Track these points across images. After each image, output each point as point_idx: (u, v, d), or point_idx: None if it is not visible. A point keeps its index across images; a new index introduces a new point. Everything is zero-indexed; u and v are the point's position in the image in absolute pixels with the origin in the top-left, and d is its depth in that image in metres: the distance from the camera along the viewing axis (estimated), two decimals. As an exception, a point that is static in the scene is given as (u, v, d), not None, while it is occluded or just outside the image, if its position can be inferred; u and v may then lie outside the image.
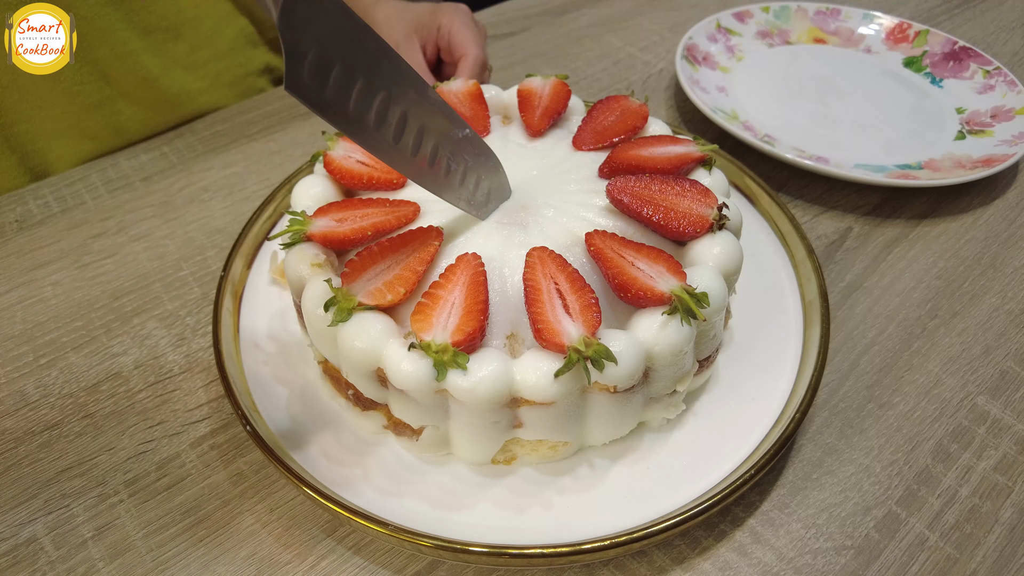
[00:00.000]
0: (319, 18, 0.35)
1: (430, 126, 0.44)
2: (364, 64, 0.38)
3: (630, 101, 0.59)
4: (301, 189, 0.53)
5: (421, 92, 0.43)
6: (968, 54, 0.87)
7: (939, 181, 0.69)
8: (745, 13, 0.95)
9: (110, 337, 0.60)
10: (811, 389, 0.50)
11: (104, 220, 0.70)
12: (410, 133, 0.43)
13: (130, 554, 0.46)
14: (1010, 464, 0.51)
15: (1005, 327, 0.60)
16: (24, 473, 0.51)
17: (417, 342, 0.41)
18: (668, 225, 0.48)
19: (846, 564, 0.46)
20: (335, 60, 0.37)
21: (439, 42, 0.79)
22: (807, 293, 0.58)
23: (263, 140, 0.80)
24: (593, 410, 0.45)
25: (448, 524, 0.45)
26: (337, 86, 0.37)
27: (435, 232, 0.48)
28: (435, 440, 0.47)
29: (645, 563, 0.46)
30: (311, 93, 0.36)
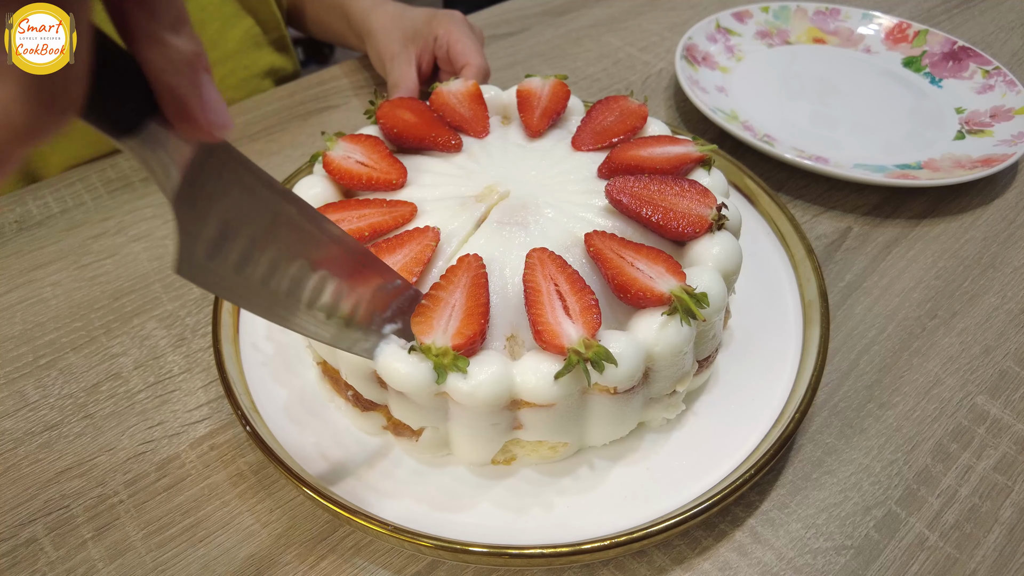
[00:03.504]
0: (228, 189, 0.33)
1: (350, 285, 0.41)
2: (274, 228, 0.36)
3: (629, 101, 0.59)
4: (300, 189, 0.53)
5: (342, 247, 0.40)
6: (967, 54, 0.87)
7: (938, 181, 0.69)
8: (744, 13, 0.95)
9: (110, 337, 0.60)
10: (811, 389, 0.50)
11: (104, 220, 0.70)
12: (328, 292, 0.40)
13: (130, 554, 0.46)
14: (1010, 464, 0.51)
15: (1005, 327, 0.60)
16: (24, 473, 0.51)
17: (417, 345, 0.41)
18: (667, 225, 0.48)
19: (846, 564, 0.46)
20: (240, 232, 0.34)
21: (436, 51, 0.78)
22: (807, 293, 0.58)
23: (263, 140, 0.80)
24: (593, 411, 0.45)
25: (448, 524, 0.45)
26: (241, 259, 0.34)
27: (432, 232, 0.48)
28: (435, 441, 0.47)
29: (645, 563, 0.46)
30: (208, 273, 0.33)
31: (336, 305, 0.40)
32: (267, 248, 0.35)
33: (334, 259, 0.39)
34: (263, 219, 0.35)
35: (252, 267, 0.35)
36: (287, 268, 0.37)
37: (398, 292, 0.43)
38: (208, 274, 0.33)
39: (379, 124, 0.58)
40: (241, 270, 0.34)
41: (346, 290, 0.40)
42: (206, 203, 0.32)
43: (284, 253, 0.36)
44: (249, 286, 0.35)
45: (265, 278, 0.36)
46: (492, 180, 0.54)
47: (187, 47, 0.26)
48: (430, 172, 0.55)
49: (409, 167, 0.55)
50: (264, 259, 0.35)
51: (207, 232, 0.32)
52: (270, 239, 0.35)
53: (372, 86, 0.88)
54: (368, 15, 0.82)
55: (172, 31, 0.26)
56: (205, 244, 0.32)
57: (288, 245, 0.36)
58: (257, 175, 0.34)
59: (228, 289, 0.35)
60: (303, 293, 0.38)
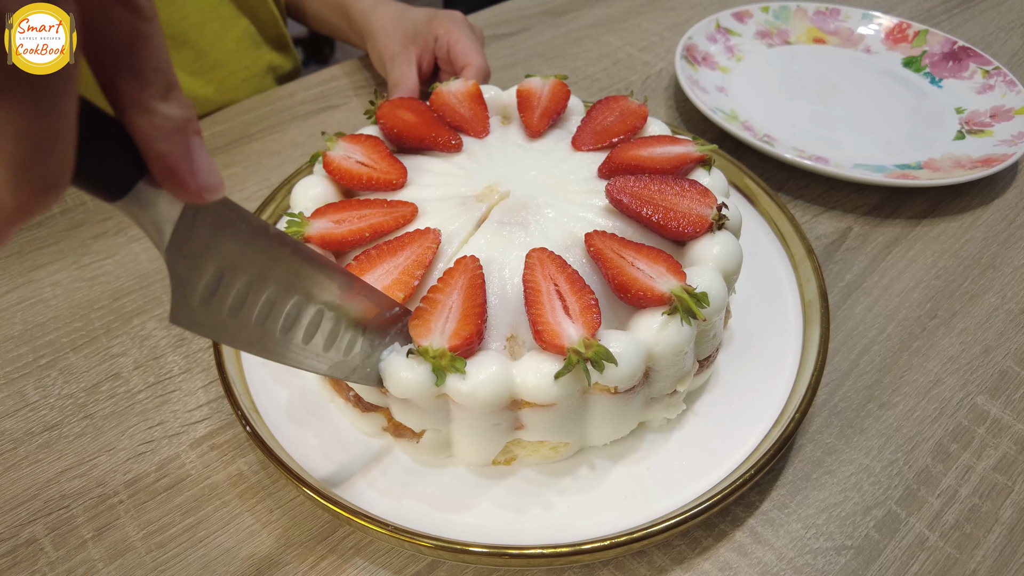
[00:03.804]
0: (220, 238, 0.32)
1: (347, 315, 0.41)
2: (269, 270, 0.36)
3: (629, 101, 0.59)
4: (300, 190, 0.53)
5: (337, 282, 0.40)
6: (967, 54, 0.87)
7: (938, 181, 0.69)
8: (744, 13, 0.95)
9: (110, 338, 0.60)
10: (811, 389, 0.50)
11: (104, 220, 0.70)
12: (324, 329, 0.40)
13: (130, 555, 0.46)
14: (1010, 464, 0.51)
15: (1005, 327, 0.60)
16: (24, 474, 0.51)
17: (415, 348, 0.41)
18: (667, 225, 0.48)
19: (846, 564, 0.46)
20: (235, 278, 0.34)
21: (436, 51, 0.78)
22: (807, 293, 0.58)
23: (262, 140, 0.80)
24: (594, 411, 0.45)
25: (448, 524, 0.45)
26: (236, 303, 0.34)
27: (433, 234, 0.48)
28: (436, 443, 0.47)
29: (645, 563, 0.46)
30: (204, 320, 0.33)
31: (333, 338, 0.40)
32: (262, 290, 0.36)
33: (329, 294, 0.39)
34: (257, 263, 0.35)
35: (248, 310, 0.35)
36: (282, 307, 0.37)
37: (396, 319, 0.43)
38: (203, 321, 0.33)
39: (379, 124, 0.58)
40: (236, 314, 0.35)
41: (343, 322, 0.40)
42: (199, 253, 0.32)
43: (279, 294, 0.37)
44: (245, 328, 0.35)
45: (261, 319, 0.36)
46: (492, 180, 0.54)
47: (177, 114, 0.26)
48: (430, 172, 0.55)
49: (409, 167, 0.55)
50: (259, 301, 0.36)
51: (201, 281, 0.32)
52: (265, 281, 0.36)
53: (372, 86, 0.88)
54: (369, 15, 0.82)
55: (161, 99, 0.26)
56: (199, 292, 0.32)
57: (283, 286, 0.37)
58: (249, 221, 0.34)
59: (224, 333, 0.35)
60: (299, 330, 0.38)
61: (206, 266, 0.32)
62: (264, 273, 0.35)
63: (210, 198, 0.28)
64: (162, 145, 0.26)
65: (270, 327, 0.37)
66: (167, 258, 0.30)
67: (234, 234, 0.33)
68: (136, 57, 0.25)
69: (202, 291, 0.33)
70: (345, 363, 0.41)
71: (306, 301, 0.38)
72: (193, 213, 0.30)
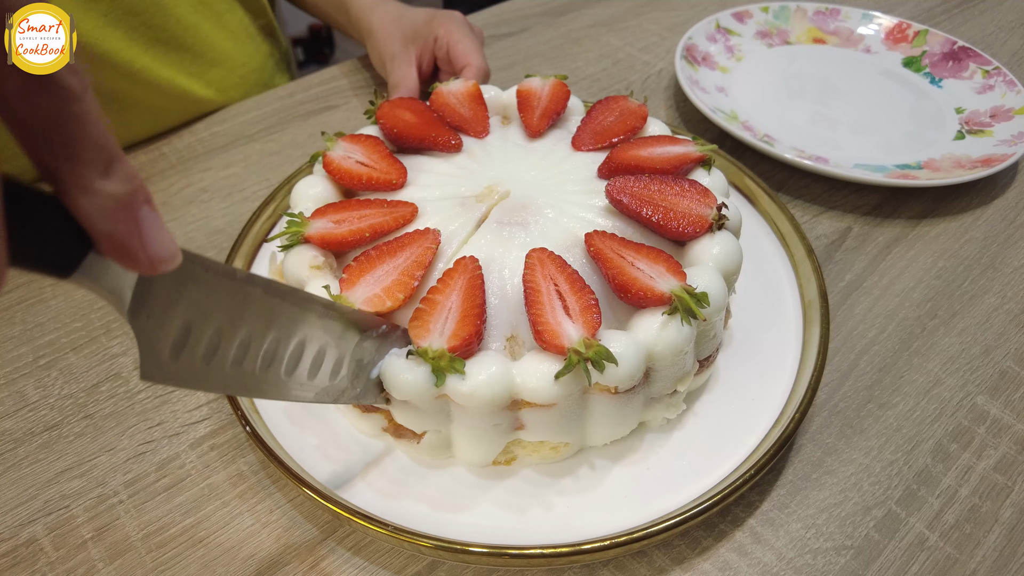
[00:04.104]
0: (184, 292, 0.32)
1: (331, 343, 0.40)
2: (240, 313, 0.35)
3: (629, 101, 0.59)
4: (300, 190, 0.53)
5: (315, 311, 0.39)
6: (967, 54, 0.87)
7: (938, 181, 0.69)
8: (744, 13, 0.95)
9: (110, 337, 0.60)
10: (811, 389, 0.50)
11: (104, 221, 0.70)
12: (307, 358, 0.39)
13: (130, 555, 0.46)
14: (1010, 464, 0.51)
15: (1005, 327, 0.60)
16: (24, 474, 0.51)
17: (414, 349, 0.41)
18: (667, 225, 0.48)
19: (846, 564, 0.46)
20: (204, 327, 0.33)
21: (436, 51, 0.78)
22: (807, 293, 0.58)
23: (262, 140, 0.80)
24: (594, 411, 0.45)
25: (448, 525, 0.45)
26: (209, 350, 0.33)
27: (433, 235, 0.48)
28: (437, 444, 0.47)
29: (645, 563, 0.46)
30: (176, 372, 0.32)
31: (316, 366, 0.40)
32: (235, 334, 0.35)
33: (307, 325, 0.39)
34: (227, 309, 0.34)
35: (222, 354, 0.34)
36: (259, 346, 0.36)
37: (384, 336, 0.43)
38: (176, 373, 0.33)
39: (379, 124, 0.58)
40: (210, 361, 0.34)
41: (326, 350, 0.40)
42: (163, 310, 0.31)
43: (255, 334, 0.36)
44: (221, 373, 0.35)
45: (237, 360, 0.35)
46: (492, 180, 0.54)
47: (120, 190, 0.25)
48: (430, 172, 0.55)
49: (409, 167, 0.55)
50: (234, 344, 0.35)
51: (169, 336, 0.32)
52: (238, 325, 0.35)
53: (372, 86, 0.88)
54: (368, 14, 0.82)
55: (102, 176, 0.24)
56: (168, 347, 0.32)
57: (258, 326, 0.36)
58: (214, 269, 0.33)
59: (200, 381, 0.34)
60: (279, 365, 0.38)
61: (172, 321, 0.31)
62: (236, 317, 0.34)
63: (165, 269, 0.27)
64: (107, 225, 0.25)
65: (248, 367, 0.36)
66: (130, 321, 0.29)
67: (198, 284, 0.32)
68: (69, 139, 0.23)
69: (171, 345, 0.32)
70: (332, 387, 0.41)
71: (284, 336, 0.37)
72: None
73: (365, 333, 0.42)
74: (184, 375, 0.33)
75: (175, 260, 0.27)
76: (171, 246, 0.27)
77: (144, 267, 0.27)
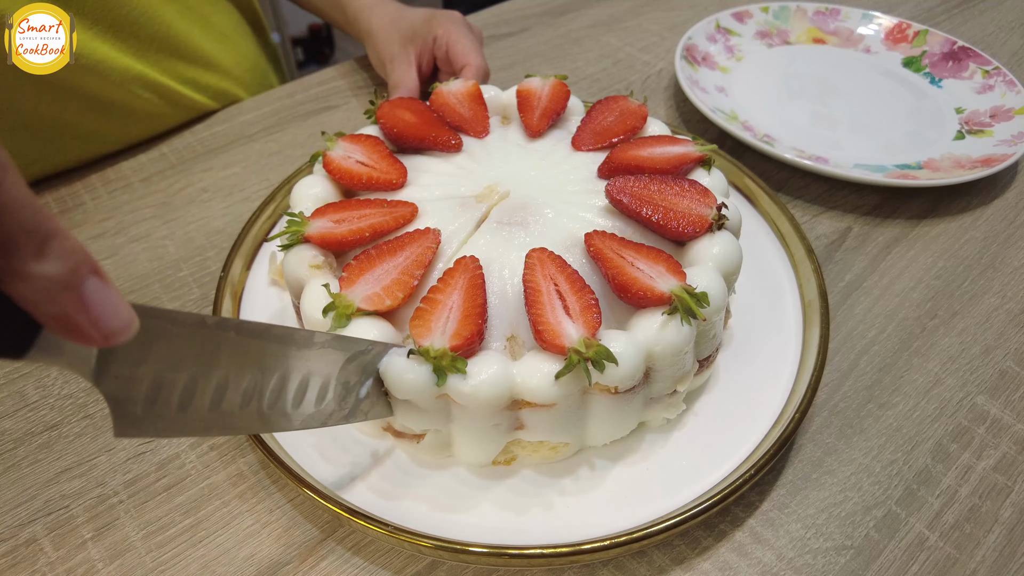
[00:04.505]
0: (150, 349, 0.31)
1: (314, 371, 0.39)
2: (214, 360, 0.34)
3: (629, 101, 0.59)
4: (300, 189, 0.53)
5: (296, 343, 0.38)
6: (967, 54, 0.87)
7: (938, 181, 0.69)
8: (744, 13, 0.95)
9: (110, 338, 0.59)
10: (811, 389, 0.50)
11: (103, 221, 0.70)
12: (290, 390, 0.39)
13: (130, 555, 0.46)
14: (1010, 464, 0.51)
15: (1005, 327, 0.60)
16: (24, 474, 0.51)
17: (416, 348, 0.41)
18: (667, 225, 0.48)
19: (846, 564, 0.46)
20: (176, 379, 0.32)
21: (435, 51, 0.78)
22: (807, 293, 0.58)
23: (262, 140, 0.80)
24: (594, 411, 0.45)
25: (448, 525, 0.45)
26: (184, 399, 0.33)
27: (433, 234, 0.48)
28: (437, 443, 0.47)
29: (645, 563, 0.46)
30: (151, 424, 0.32)
31: (301, 395, 0.39)
32: (211, 379, 0.34)
33: (287, 359, 0.38)
34: (199, 358, 0.33)
35: (198, 401, 0.34)
36: (237, 387, 0.35)
37: (371, 355, 0.42)
38: (152, 426, 0.32)
39: (379, 124, 0.58)
40: (186, 408, 0.33)
41: (309, 379, 0.39)
42: (131, 371, 0.30)
43: (232, 376, 0.35)
44: (199, 418, 0.34)
45: (215, 403, 0.34)
46: (492, 180, 0.54)
47: (58, 270, 0.23)
48: (430, 172, 0.55)
49: (409, 167, 0.55)
50: (210, 389, 0.34)
51: (139, 393, 0.31)
52: (212, 370, 0.34)
53: (372, 86, 0.88)
54: (367, 15, 0.82)
55: (36, 259, 0.23)
56: (140, 404, 0.31)
57: (233, 368, 0.35)
58: (182, 321, 0.32)
59: (176, 429, 0.34)
60: (260, 401, 0.37)
61: (142, 379, 0.31)
62: (210, 364, 0.34)
63: (121, 340, 0.26)
64: (50, 308, 0.24)
65: (227, 407, 0.35)
66: (96, 386, 0.29)
67: (167, 339, 0.31)
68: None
69: (143, 401, 0.31)
70: (319, 412, 0.40)
71: (262, 374, 0.37)
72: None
73: (350, 356, 0.41)
74: (160, 426, 0.32)
75: (130, 329, 0.26)
76: (124, 315, 0.26)
77: (97, 342, 0.25)
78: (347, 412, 0.42)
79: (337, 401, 0.41)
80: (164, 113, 0.80)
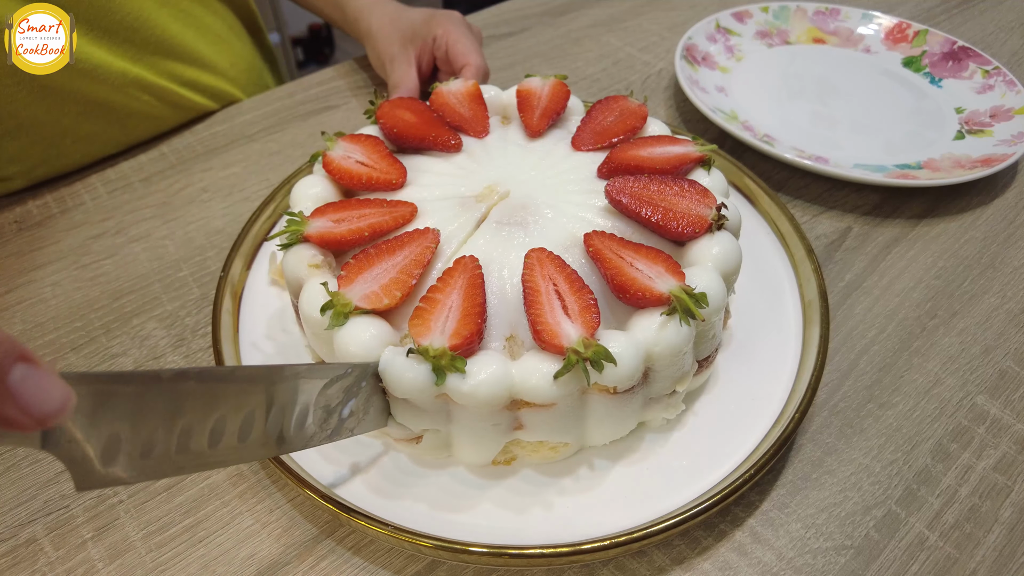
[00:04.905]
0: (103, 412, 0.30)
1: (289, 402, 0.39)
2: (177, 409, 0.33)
3: (629, 101, 0.59)
4: (300, 189, 0.53)
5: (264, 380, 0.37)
6: (967, 54, 0.87)
7: (938, 181, 0.69)
8: (744, 13, 0.95)
9: (109, 338, 0.60)
10: (811, 389, 0.50)
11: (103, 221, 0.70)
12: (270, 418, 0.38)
13: (130, 555, 0.46)
14: (1010, 464, 0.51)
15: (1004, 327, 0.60)
16: (24, 474, 0.51)
17: (415, 347, 0.41)
18: (667, 225, 0.48)
19: (846, 564, 0.46)
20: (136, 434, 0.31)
21: (435, 52, 0.78)
22: (807, 293, 0.58)
23: (262, 140, 0.80)
24: (593, 411, 0.45)
25: (448, 524, 0.45)
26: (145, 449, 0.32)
27: (432, 234, 0.48)
28: (436, 443, 0.47)
29: (645, 563, 0.46)
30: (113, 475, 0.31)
31: (277, 424, 0.38)
32: (173, 428, 0.33)
33: (257, 395, 0.37)
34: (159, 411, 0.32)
35: (160, 448, 0.33)
36: (204, 429, 0.34)
37: (355, 377, 0.42)
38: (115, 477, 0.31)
39: (379, 124, 0.58)
40: (148, 456, 0.32)
41: (284, 408, 0.38)
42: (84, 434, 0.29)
43: (195, 421, 0.34)
44: (165, 462, 0.33)
45: (182, 447, 0.34)
46: (492, 180, 0.54)
47: None
48: (430, 172, 0.55)
49: (409, 167, 0.55)
50: (174, 436, 0.33)
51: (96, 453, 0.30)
52: (175, 419, 0.33)
53: (372, 86, 0.88)
54: (367, 15, 0.82)
55: None
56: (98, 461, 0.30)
57: (197, 414, 0.34)
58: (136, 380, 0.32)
59: (142, 475, 0.33)
60: (232, 437, 0.36)
61: (97, 439, 0.30)
62: (171, 415, 0.33)
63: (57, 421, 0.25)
64: None
65: (195, 447, 0.34)
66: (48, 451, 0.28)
67: (120, 399, 0.30)
68: None
69: (101, 457, 0.30)
70: (298, 437, 0.40)
71: (230, 414, 0.35)
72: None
73: (328, 381, 0.40)
74: (125, 475, 0.31)
75: (66, 408, 0.26)
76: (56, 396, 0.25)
77: (31, 428, 0.25)
78: (330, 432, 0.41)
79: (318, 424, 0.40)
80: (163, 115, 0.80)
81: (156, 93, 0.77)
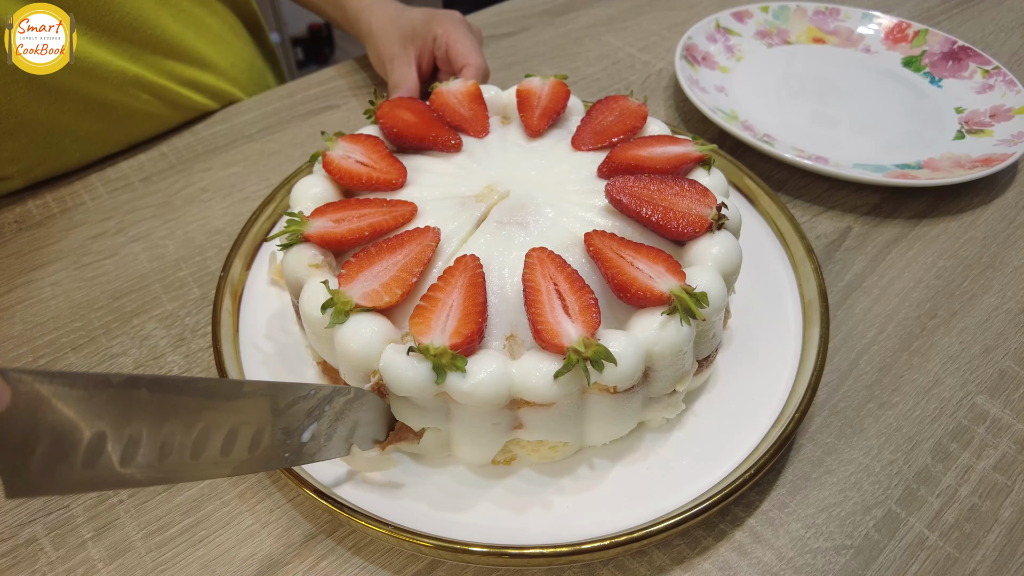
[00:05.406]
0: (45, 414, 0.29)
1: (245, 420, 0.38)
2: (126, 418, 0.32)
3: (629, 101, 0.59)
4: (300, 189, 0.53)
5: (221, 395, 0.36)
6: (967, 54, 0.87)
7: (938, 181, 0.69)
8: (744, 13, 0.95)
9: (109, 338, 0.60)
10: (811, 389, 0.50)
11: (103, 221, 0.70)
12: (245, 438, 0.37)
13: (130, 555, 0.46)
14: (1010, 463, 0.51)
15: (1004, 327, 0.60)
16: (24, 474, 0.51)
17: (416, 345, 0.41)
18: (667, 225, 0.48)
19: (846, 564, 0.46)
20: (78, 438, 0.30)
21: (435, 51, 0.78)
22: (806, 293, 0.58)
23: (262, 140, 0.80)
24: (593, 411, 0.45)
25: (448, 524, 0.45)
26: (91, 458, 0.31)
27: (433, 233, 0.48)
28: (436, 442, 0.47)
29: (645, 563, 0.46)
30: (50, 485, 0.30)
31: (231, 443, 0.37)
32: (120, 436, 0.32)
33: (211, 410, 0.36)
34: (105, 416, 0.31)
35: (105, 458, 0.32)
36: (153, 441, 0.33)
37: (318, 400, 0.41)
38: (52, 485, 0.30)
39: (379, 124, 0.58)
40: (92, 466, 0.31)
41: (239, 428, 0.37)
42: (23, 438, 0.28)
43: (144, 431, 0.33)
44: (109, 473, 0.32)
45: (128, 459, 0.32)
46: (492, 180, 0.54)
47: None
48: (430, 172, 0.55)
49: (409, 167, 0.55)
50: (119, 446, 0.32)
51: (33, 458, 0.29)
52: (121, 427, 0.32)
53: (372, 86, 0.88)
54: (367, 15, 0.82)
55: None
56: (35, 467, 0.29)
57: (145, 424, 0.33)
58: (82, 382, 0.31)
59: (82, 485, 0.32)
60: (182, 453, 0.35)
61: (37, 444, 0.29)
62: (119, 422, 0.32)
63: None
64: None
65: (142, 460, 0.33)
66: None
67: (65, 402, 0.30)
68: None
69: (38, 465, 0.29)
70: (255, 458, 0.39)
71: (183, 427, 0.35)
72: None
73: (288, 401, 0.40)
74: (63, 485, 0.31)
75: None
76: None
77: None
78: (289, 455, 0.41)
79: (276, 447, 0.40)
80: (163, 114, 0.80)
81: (156, 93, 0.77)
